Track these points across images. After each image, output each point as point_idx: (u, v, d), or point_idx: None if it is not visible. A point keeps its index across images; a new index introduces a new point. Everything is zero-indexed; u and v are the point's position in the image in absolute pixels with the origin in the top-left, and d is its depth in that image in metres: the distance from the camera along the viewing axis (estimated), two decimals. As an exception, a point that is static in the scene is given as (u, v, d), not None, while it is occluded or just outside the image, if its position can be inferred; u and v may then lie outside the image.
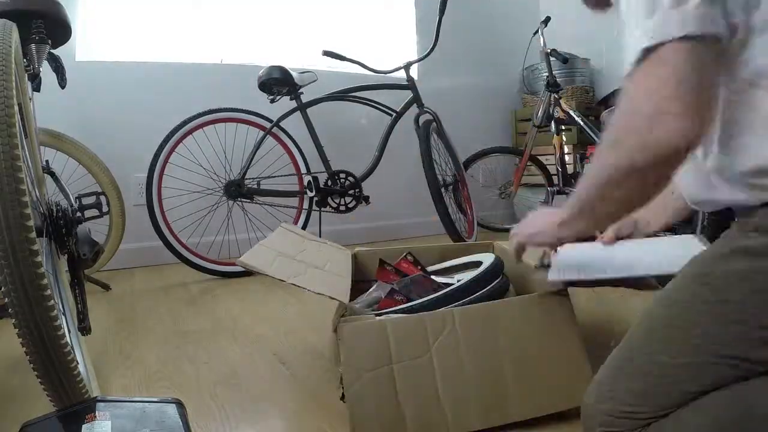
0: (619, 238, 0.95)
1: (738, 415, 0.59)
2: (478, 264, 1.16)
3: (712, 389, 0.61)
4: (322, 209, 2.26)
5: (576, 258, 0.90)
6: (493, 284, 1.00)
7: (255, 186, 2.16)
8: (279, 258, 1.03)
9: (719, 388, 0.61)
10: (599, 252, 0.93)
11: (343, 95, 2.32)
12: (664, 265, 0.88)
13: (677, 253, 0.92)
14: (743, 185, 0.61)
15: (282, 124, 2.22)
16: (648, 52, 0.60)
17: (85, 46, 2.24)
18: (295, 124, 2.23)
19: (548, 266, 0.88)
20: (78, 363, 0.70)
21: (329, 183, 2.24)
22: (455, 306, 0.92)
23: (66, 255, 1.02)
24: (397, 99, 2.35)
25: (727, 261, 0.62)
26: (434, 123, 2.28)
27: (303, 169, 2.28)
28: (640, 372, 0.66)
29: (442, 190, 2.16)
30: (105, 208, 1.29)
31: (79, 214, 1.02)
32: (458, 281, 1.05)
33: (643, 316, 0.72)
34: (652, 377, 0.65)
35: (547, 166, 2.89)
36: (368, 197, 2.30)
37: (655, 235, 0.97)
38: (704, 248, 0.92)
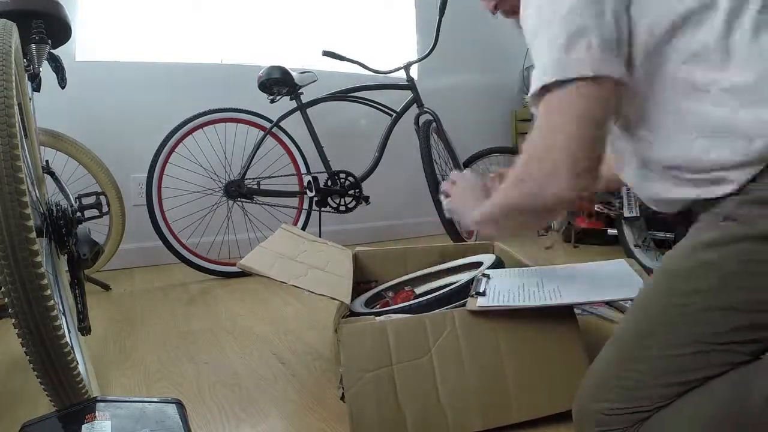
0: None
1: (732, 403, 0.60)
2: (479, 264, 1.16)
3: (703, 379, 0.63)
4: (322, 209, 2.26)
5: (507, 287, 0.92)
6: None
7: (255, 186, 2.16)
8: (280, 260, 1.03)
9: (709, 377, 0.62)
10: (529, 279, 0.96)
11: (343, 95, 2.32)
12: (591, 294, 0.89)
13: (606, 280, 0.94)
14: (687, 181, 0.67)
15: (282, 124, 2.22)
16: (545, 90, 0.67)
17: (85, 46, 2.24)
18: (295, 124, 2.23)
19: (483, 294, 0.90)
20: (78, 363, 0.70)
21: (329, 183, 2.24)
22: (455, 307, 0.92)
23: (66, 255, 1.02)
24: (397, 99, 2.35)
25: (696, 253, 0.65)
26: (434, 123, 2.27)
27: (303, 169, 2.28)
28: (629, 369, 0.67)
29: (442, 190, 2.16)
30: (105, 208, 1.29)
31: (79, 214, 1.02)
32: (459, 282, 1.05)
33: (627, 315, 0.73)
34: (640, 373, 0.66)
35: (547, 167, 2.89)
36: (368, 197, 2.30)
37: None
38: (634, 272, 0.94)
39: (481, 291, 0.91)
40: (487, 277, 0.97)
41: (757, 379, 0.60)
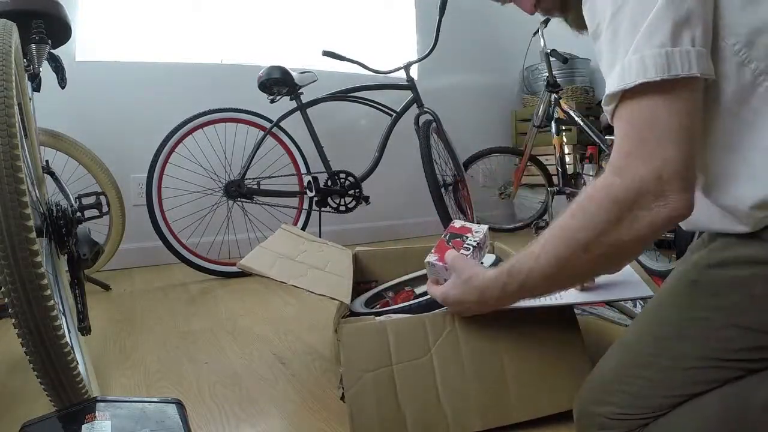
0: None
1: (735, 410, 0.60)
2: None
3: (709, 390, 0.62)
4: (322, 209, 2.26)
5: None
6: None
7: (255, 186, 2.16)
8: (279, 260, 1.03)
9: (710, 391, 0.62)
10: None
11: (343, 95, 2.32)
12: (592, 294, 0.89)
13: (606, 280, 0.93)
14: (745, 217, 0.60)
15: (282, 124, 2.22)
16: (627, 94, 0.56)
17: (85, 46, 2.24)
18: (295, 124, 2.23)
19: None
20: (78, 363, 0.70)
21: (329, 183, 2.24)
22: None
23: (66, 255, 1.02)
24: (397, 99, 2.35)
25: (725, 268, 0.62)
26: (434, 123, 2.27)
27: (303, 169, 2.28)
28: (636, 375, 0.66)
29: (442, 190, 2.16)
30: (105, 208, 1.29)
31: (79, 214, 1.02)
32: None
33: (638, 320, 0.72)
34: (648, 381, 0.65)
35: (547, 166, 2.89)
36: (368, 197, 2.30)
37: None
38: (634, 272, 0.93)
39: None
40: None
41: (756, 389, 0.59)
